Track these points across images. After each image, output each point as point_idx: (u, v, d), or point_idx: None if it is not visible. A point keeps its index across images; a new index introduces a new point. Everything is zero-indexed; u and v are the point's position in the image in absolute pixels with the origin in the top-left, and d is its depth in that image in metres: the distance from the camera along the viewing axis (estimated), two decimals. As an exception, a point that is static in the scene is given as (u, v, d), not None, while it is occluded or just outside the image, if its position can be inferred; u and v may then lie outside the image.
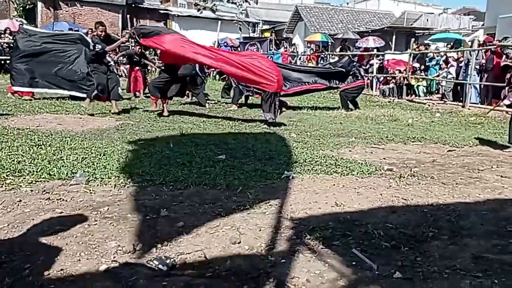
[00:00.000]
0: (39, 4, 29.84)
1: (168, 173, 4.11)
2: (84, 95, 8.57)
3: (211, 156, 4.93)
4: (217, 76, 18.41)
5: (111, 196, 3.47)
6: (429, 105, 12.15)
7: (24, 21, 22.46)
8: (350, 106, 10.66)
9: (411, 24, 23.59)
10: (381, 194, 3.74)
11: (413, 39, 15.84)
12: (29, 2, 30.40)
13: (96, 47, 7.98)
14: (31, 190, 3.49)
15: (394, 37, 21.27)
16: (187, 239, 2.71)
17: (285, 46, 25.97)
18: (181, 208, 3.24)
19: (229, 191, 3.71)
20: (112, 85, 8.16)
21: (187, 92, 11.27)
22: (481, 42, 11.82)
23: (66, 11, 30.06)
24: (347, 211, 3.30)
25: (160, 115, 8.22)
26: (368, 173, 4.51)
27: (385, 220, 3.10)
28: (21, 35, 9.74)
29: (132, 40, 8.68)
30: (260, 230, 2.88)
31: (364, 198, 3.63)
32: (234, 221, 3.02)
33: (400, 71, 14.91)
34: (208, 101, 10.92)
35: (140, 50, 11.72)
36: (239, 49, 22.69)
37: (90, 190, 3.58)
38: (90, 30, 23.43)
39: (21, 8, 30.26)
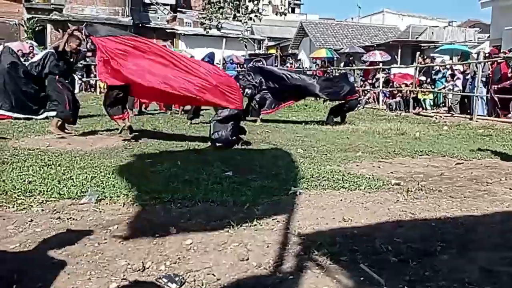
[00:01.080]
0: (49, 26, 30.48)
1: (176, 191, 4.14)
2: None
3: (218, 172, 4.97)
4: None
5: (120, 214, 3.51)
6: (436, 118, 12.14)
7: (34, 43, 22.85)
8: (335, 119, 10.82)
9: (416, 38, 23.74)
10: (388, 209, 3.74)
11: (418, 53, 15.91)
12: (38, 24, 31.00)
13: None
14: (42, 210, 3.54)
15: (399, 51, 21.38)
16: (196, 256, 2.73)
17: (291, 62, 26.19)
18: (189, 226, 3.27)
19: (236, 207, 3.74)
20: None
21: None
22: (487, 54, 11.83)
23: (75, 32, 30.50)
24: (354, 226, 3.30)
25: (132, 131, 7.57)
26: (376, 188, 4.51)
27: (392, 235, 3.10)
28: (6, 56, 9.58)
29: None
30: (268, 247, 2.89)
31: (372, 213, 3.63)
32: (242, 237, 3.04)
33: (406, 85, 14.96)
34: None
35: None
36: (245, 65, 22.93)
37: (99, 209, 3.62)
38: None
39: (31, 30, 30.84)
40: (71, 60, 7.89)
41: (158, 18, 36.70)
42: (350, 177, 4.91)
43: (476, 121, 10.93)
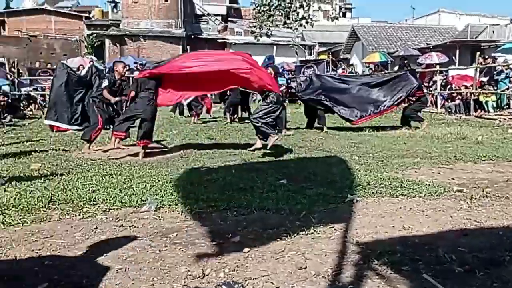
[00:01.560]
0: (107, 41, 31.96)
1: (231, 199, 4.19)
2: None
3: (272, 181, 4.97)
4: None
5: (179, 222, 3.60)
6: (500, 121, 11.53)
7: (94, 58, 24.04)
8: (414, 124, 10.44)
9: (475, 37, 22.72)
10: (451, 217, 3.59)
11: (478, 53, 15.21)
12: (97, 40, 32.60)
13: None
14: (106, 218, 3.70)
15: (457, 51, 20.54)
16: (254, 265, 2.75)
17: (343, 67, 25.85)
18: (246, 233, 3.30)
19: (292, 215, 3.72)
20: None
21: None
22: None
23: (131, 46, 31.92)
24: (415, 235, 3.19)
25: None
26: (437, 195, 4.34)
27: (457, 244, 2.97)
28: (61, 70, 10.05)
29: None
30: (325, 255, 2.86)
31: (433, 221, 3.50)
32: (299, 246, 3.02)
33: (466, 87, 14.33)
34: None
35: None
36: (295, 72, 22.90)
37: (159, 216, 3.73)
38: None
39: (90, 46, 32.50)
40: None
41: (209, 28, 37.53)
42: (409, 184, 4.77)
43: (545, 123, 10.29)
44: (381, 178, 5.07)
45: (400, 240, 3.08)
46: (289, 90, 15.53)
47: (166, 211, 3.91)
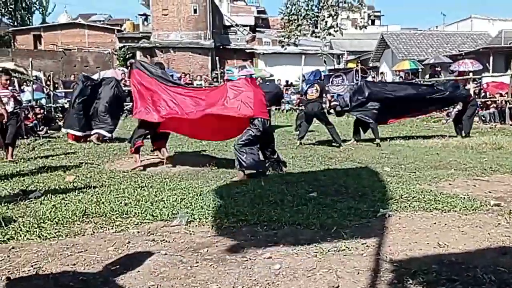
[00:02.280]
0: (138, 53, 32.66)
1: (261, 213, 4.17)
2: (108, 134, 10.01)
3: (303, 194, 4.93)
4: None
5: (209, 237, 3.60)
6: (537, 130, 11.15)
7: (125, 70, 24.57)
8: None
9: (510, 43, 22.07)
10: (489, 233, 3.47)
11: (513, 60, 14.79)
12: (129, 52, 33.36)
13: None
14: (138, 232, 3.74)
15: (491, 58, 20.00)
16: (285, 282, 2.72)
17: (372, 75, 25.56)
18: (276, 249, 3.27)
19: (323, 230, 3.68)
20: None
21: None
22: None
23: (161, 57, 32.52)
24: (451, 253, 3.09)
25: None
26: (473, 209, 4.21)
27: (496, 263, 2.85)
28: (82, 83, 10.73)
29: None
30: (358, 273, 2.80)
31: (470, 238, 3.38)
32: (331, 263, 2.98)
33: (501, 94, 13.93)
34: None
35: None
36: (324, 81, 22.76)
37: (190, 231, 3.75)
38: (183, 74, 25.06)
39: (122, 58, 33.27)
40: None
41: (238, 39, 37.84)
42: (443, 197, 4.64)
43: None
44: (414, 191, 4.96)
45: (435, 258, 2.98)
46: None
47: (196, 225, 3.92)
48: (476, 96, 15.32)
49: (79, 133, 10.42)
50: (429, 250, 3.17)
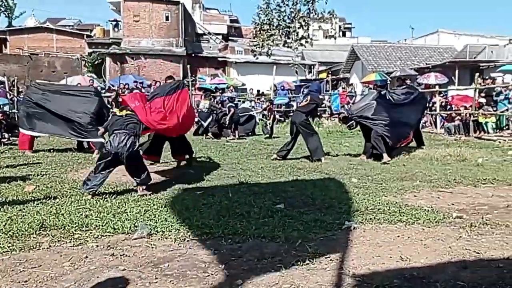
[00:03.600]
0: (107, 60, 32.15)
1: (227, 225, 4.11)
2: (81, 140, 9.81)
3: (270, 205, 4.89)
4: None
5: (171, 251, 3.51)
6: (500, 142, 11.47)
7: (94, 76, 24.15)
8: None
9: (474, 57, 22.82)
10: (450, 247, 3.50)
11: (477, 73, 15.24)
12: (98, 58, 32.81)
13: None
14: (97, 245, 3.62)
15: (457, 72, 20.60)
16: (246, 299, 2.66)
17: (343, 86, 25.95)
18: (240, 264, 3.21)
19: (288, 244, 3.64)
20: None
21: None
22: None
23: (132, 64, 32.12)
24: (413, 267, 3.10)
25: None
26: (436, 222, 4.26)
27: (456, 277, 2.88)
28: (33, 90, 10.30)
29: None
30: (320, 289, 2.77)
31: (432, 251, 3.41)
32: (294, 278, 2.93)
33: (465, 107, 14.33)
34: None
35: None
36: (295, 92, 22.98)
37: (151, 244, 3.65)
38: (154, 81, 24.76)
39: (91, 64, 32.68)
40: None
41: (210, 47, 37.80)
42: (407, 210, 4.69)
43: (545, 145, 10.22)
44: (379, 203, 5.00)
45: (397, 273, 2.99)
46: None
47: (159, 238, 3.82)
48: (442, 109, 15.73)
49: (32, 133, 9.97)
50: (392, 264, 3.18)
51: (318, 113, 10.15)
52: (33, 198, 5.22)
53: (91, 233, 3.91)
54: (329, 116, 16.10)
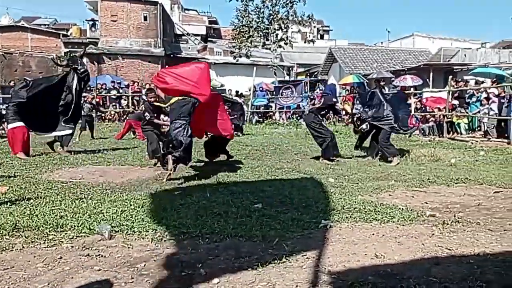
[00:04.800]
0: (84, 59, 31.58)
1: (204, 225, 4.11)
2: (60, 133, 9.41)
3: (247, 205, 4.91)
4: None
5: (148, 251, 3.49)
6: (472, 143, 11.76)
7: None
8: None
9: (448, 61, 23.29)
10: (423, 244, 3.58)
11: (451, 76, 15.60)
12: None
13: (146, 115, 8.29)
14: (72, 246, 3.57)
15: (431, 74, 21.02)
16: (223, 297, 2.67)
17: (320, 88, 26.14)
18: (217, 263, 3.22)
19: (265, 243, 3.66)
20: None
21: None
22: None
23: (109, 64, 31.71)
24: (387, 264, 3.17)
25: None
26: (410, 220, 4.35)
27: (428, 273, 2.94)
28: (21, 85, 9.76)
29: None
30: (297, 287, 2.80)
31: (406, 249, 3.48)
32: (270, 276, 2.96)
33: (439, 109, 14.64)
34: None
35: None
36: (274, 93, 23.06)
37: (128, 244, 3.62)
38: (132, 82, 24.49)
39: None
40: None
41: (189, 48, 37.61)
42: (382, 208, 4.77)
43: (515, 146, 10.53)
44: (355, 202, 5.07)
45: (372, 270, 3.04)
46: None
47: (136, 239, 3.80)
48: (417, 110, 16.02)
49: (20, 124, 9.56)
50: (367, 261, 3.23)
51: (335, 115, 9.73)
52: (6, 199, 5.11)
53: (66, 233, 3.86)
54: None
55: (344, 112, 15.09)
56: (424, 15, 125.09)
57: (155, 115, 8.32)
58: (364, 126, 9.26)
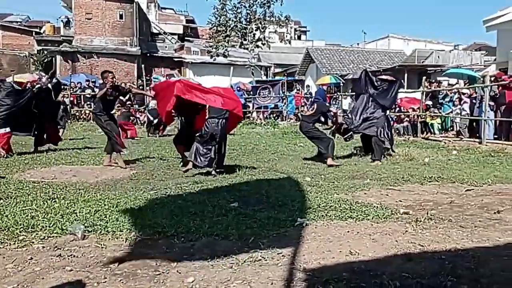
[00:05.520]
0: (58, 58, 31.03)
1: (180, 224, 4.08)
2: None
3: (224, 204, 4.90)
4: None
5: (122, 250, 3.44)
6: (445, 143, 12.01)
7: (44, 74, 23.23)
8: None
9: (422, 62, 23.76)
10: (396, 240, 3.64)
11: (424, 77, 15.89)
12: (48, 56, 31.59)
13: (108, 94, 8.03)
14: (43, 247, 3.49)
15: (406, 75, 21.38)
16: (197, 296, 2.65)
17: (298, 88, 26.30)
18: (192, 262, 3.19)
19: (241, 241, 3.65)
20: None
21: None
22: (492, 79, 11.74)
23: (84, 63, 31.17)
24: (362, 260, 3.20)
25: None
26: (384, 218, 4.41)
27: (401, 269, 2.99)
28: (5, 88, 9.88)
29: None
30: (272, 284, 2.80)
31: (380, 245, 3.53)
32: (246, 274, 2.95)
33: (414, 109, 14.90)
34: None
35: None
36: (251, 93, 23.08)
37: (101, 244, 3.56)
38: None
39: (40, 62, 31.44)
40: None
41: (166, 47, 37.28)
42: (357, 206, 4.82)
43: (486, 145, 10.77)
44: (331, 201, 5.11)
45: (346, 266, 3.07)
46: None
47: (109, 238, 3.74)
48: (392, 110, 16.26)
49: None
50: (341, 258, 3.26)
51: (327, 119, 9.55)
52: (-26, 200, 4.96)
53: (37, 234, 3.77)
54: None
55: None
56: (399, 18, 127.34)
57: (117, 94, 8.20)
58: (349, 134, 9.34)
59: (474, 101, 12.44)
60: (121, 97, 9.96)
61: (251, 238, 3.70)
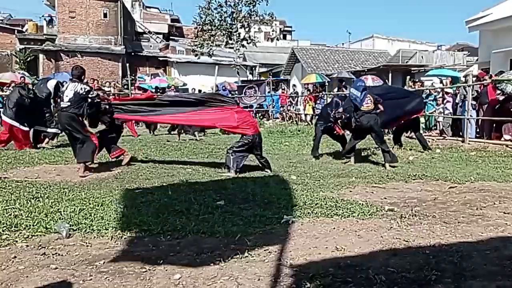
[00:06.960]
0: (41, 56, 30.63)
1: (166, 222, 4.06)
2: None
3: (210, 202, 4.89)
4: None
5: (107, 248, 3.41)
6: (429, 141, 12.14)
7: (26, 73, 22.90)
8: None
9: (406, 62, 24.01)
10: (382, 236, 3.68)
11: (408, 77, 16.06)
12: (31, 55, 31.14)
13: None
14: (27, 246, 3.44)
15: (390, 75, 21.58)
16: (184, 292, 2.65)
17: (283, 87, 26.37)
18: (178, 259, 3.18)
19: (227, 238, 3.66)
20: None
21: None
22: (474, 79, 11.92)
23: (67, 62, 30.81)
24: (347, 256, 3.23)
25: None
26: (369, 214, 4.45)
27: (386, 264, 3.03)
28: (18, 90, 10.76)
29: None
30: (259, 280, 2.81)
31: (365, 241, 3.56)
32: (233, 270, 2.96)
33: (397, 108, 15.01)
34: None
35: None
36: (237, 92, 23.07)
37: (86, 243, 3.53)
38: (91, 80, 23.89)
39: (22, 61, 30.97)
40: None
41: (150, 46, 37.08)
42: (343, 204, 4.86)
43: (468, 144, 10.93)
44: (317, 198, 5.14)
45: (332, 262, 3.09)
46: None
47: (94, 237, 3.71)
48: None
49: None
50: (328, 254, 3.28)
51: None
52: (-45, 199, 4.87)
53: (21, 233, 3.72)
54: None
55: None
56: (383, 18, 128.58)
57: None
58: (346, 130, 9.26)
59: (457, 100, 12.62)
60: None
61: (238, 236, 3.71)
